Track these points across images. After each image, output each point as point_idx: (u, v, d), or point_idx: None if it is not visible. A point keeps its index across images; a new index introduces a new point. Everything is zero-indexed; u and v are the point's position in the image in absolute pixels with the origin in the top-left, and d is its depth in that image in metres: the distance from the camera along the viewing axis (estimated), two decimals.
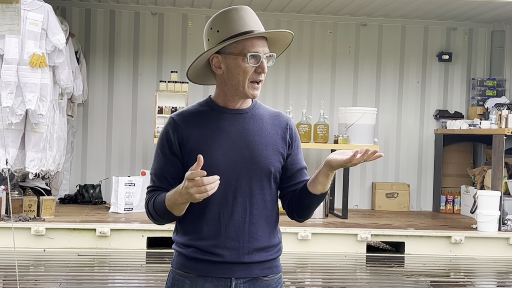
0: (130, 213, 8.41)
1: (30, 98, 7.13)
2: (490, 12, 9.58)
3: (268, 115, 2.41)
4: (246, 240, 2.31)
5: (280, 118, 2.41)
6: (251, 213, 2.31)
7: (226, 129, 2.32)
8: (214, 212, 2.30)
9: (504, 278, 7.14)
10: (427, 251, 7.77)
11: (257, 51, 2.28)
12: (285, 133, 2.38)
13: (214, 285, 2.31)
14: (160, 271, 6.54)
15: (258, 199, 2.31)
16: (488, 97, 10.04)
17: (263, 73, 2.30)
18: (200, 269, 2.32)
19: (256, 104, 2.42)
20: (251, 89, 2.31)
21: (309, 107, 9.59)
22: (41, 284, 6.07)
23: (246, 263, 2.32)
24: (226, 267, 2.31)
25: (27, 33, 7.17)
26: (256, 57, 2.28)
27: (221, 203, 2.29)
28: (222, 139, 2.30)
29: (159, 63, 9.87)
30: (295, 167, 2.39)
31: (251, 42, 2.28)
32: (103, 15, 9.82)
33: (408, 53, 10.28)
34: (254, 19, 2.33)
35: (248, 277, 2.33)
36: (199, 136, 2.31)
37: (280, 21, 9.88)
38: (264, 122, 2.37)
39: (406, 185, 10.05)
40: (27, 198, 7.74)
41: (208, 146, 2.29)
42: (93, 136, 9.78)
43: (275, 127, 2.37)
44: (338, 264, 7.22)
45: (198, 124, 2.33)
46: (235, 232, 2.30)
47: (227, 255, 2.30)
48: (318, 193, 2.32)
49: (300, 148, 2.44)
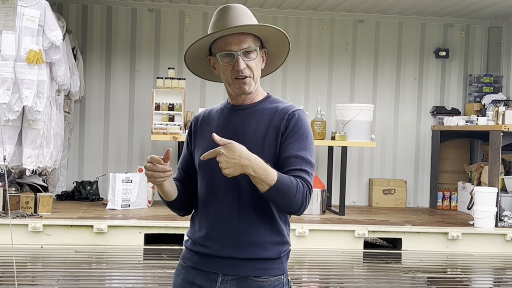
0: (127, 210, 8.41)
1: (27, 94, 7.12)
2: (487, 9, 9.59)
3: (273, 108, 2.37)
4: (234, 233, 2.30)
5: (283, 110, 2.35)
6: (240, 207, 2.30)
7: (225, 125, 2.37)
8: (205, 205, 2.36)
9: (501, 274, 7.15)
10: (424, 247, 7.79)
11: (229, 49, 2.29)
12: (281, 124, 2.31)
13: (204, 278, 2.34)
14: (157, 268, 6.55)
15: (248, 192, 2.27)
16: (485, 94, 10.05)
17: (239, 70, 2.29)
18: (194, 261, 2.38)
19: (269, 98, 2.41)
20: (237, 85, 2.33)
21: (306, 104, 9.59)
22: (39, 280, 6.07)
23: (235, 259, 2.29)
24: (215, 261, 2.32)
25: (24, 30, 7.16)
26: (230, 55, 2.29)
27: (211, 195, 2.34)
28: (219, 135, 2.29)
29: (156, 59, 9.86)
30: (282, 155, 2.28)
31: (223, 41, 2.30)
32: (100, 11, 9.80)
33: (405, 50, 10.29)
34: (236, 17, 2.31)
35: (236, 275, 2.30)
36: (204, 134, 2.41)
37: (277, 18, 9.88)
38: (264, 116, 2.35)
39: (403, 182, 10.06)
40: (24, 195, 7.74)
41: (205, 141, 2.39)
42: (90, 133, 9.77)
43: (274, 120, 2.33)
44: (336, 260, 7.23)
45: (208, 121, 2.44)
46: (223, 224, 2.31)
47: (215, 247, 2.31)
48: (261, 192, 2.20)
49: (297, 138, 2.29)
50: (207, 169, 2.35)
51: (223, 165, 2.11)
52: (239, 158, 2.11)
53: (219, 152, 2.11)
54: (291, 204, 2.22)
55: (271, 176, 2.15)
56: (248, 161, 2.12)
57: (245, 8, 2.37)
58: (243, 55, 2.30)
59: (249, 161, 2.12)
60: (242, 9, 2.35)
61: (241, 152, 2.12)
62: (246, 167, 2.12)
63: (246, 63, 2.30)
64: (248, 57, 2.31)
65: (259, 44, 2.35)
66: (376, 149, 10.02)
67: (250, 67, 2.31)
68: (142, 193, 8.66)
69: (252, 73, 2.32)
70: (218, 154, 2.12)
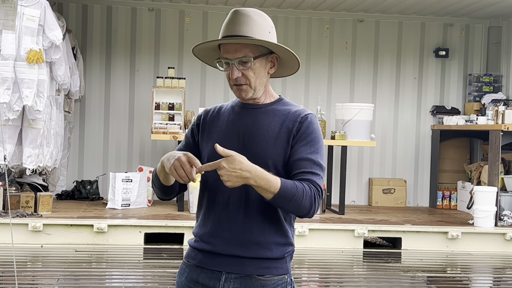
0: (127, 209, 8.41)
1: (27, 94, 7.12)
2: (487, 8, 9.59)
3: (285, 110, 2.38)
4: (239, 232, 2.31)
5: (295, 113, 2.36)
6: (247, 205, 2.31)
7: (235, 122, 2.38)
8: (211, 202, 2.36)
9: (500, 273, 7.16)
10: (424, 246, 7.79)
11: (226, 57, 2.33)
12: (293, 126, 2.33)
13: (208, 277, 2.34)
14: (157, 267, 6.55)
15: (255, 192, 2.27)
16: (485, 93, 10.06)
17: (233, 78, 2.32)
18: (198, 259, 2.38)
19: (281, 101, 2.43)
20: (236, 92, 2.38)
21: (306, 103, 9.60)
22: (39, 280, 6.07)
23: (239, 257, 2.30)
24: (219, 259, 2.33)
25: (24, 29, 7.16)
26: (226, 63, 2.33)
27: (218, 193, 2.34)
28: (229, 132, 2.35)
29: (156, 59, 9.86)
30: (292, 157, 2.31)
31: (224, 47, 2.34)
32: (100, 11, 9.81)
33: (405, 49, 10.29)
34: (240, 25, 2.31)
35: (240, 273, 2.31)
36: (214, 128, 2.42)
37: (277, 17, 9.87)
38: (276, 117, 2.36)
39: (402, 181, 10.06)
40: (25, 194, 7.75)
41: (215, 138, 2.37)
42: (90, 132, 9.77)
43: (286, 122, 2.34)
44: (335, 259, 7.23)
45: (218, 117, 2.44)
46: (229, 222, 2.32)
47: (220, 244, 2.32)
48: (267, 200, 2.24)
49: (308, 141, 2.31)
50: None
51: (224, 178, 2.14)
52: (240, 171, 2.14)
53: (220, 166, 2.14)
54: (299, 209, 2.27)
55: (274, 184, 2.18)
56: (248, 173, 2.15)
57: (255, 14, 2.34)
58: (238, 64, 2.31)
59: (250, 173, 2.15)
60: (249, 16, 2.32)
61: (242, 164, 2.15)
62: (247, 179, 2.16)
63: (242, 71, 2.31)
64: (244, 66, 2.31)
65: (263, 52, 2.34)
66: (376, 148, 10.03)
67: (246, 75, 2.32)
68: (142, 192, 8.67)
69: (249, 81, 2.32)
70: (219, 167, 2.14)
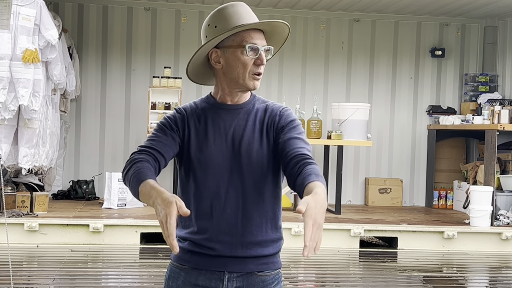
0: (123, 209, 8.41)
1: (23, 93, 7.11)
2: (483, 8, 9.61)
3: (264, 107, 2.40)
4: (239, 234, 2.30)
5: (274, 107, 2.38)
6: (244, 208, 2.30)
7: (220, 124, 2.34)
8: (207, 206, 2.32)
9: (496, 273, 7.17)
10: (420, 246, 7.80)
11: (255, 43, 2.30)
12: (275, 119, 2.34)
13: (208, 278, 2.33)
14: (153, 267, 6.55)
15: (252, 193, 2.28)
16: (481, 93, 10.08)
17: (262, 65, 2.32)
18: (194, 262, 2.34)
19: (255, 98, 2.43)
20: (251, 81, 2.32)
21: (302, 103, 9.60)
22: (35, 279, 6.06)
23: (240, 257, 2.31)
24: (219, 261, 2.32)
25: (20, 29, 7.15)
26: (254, 49, 2.30)
27: (214, 197, 2.31)
28: (216, 135, 2.31)
29: (152, 58, 9.85)
30: (283, 138, 2.28)
31: (249, 34, 2.30)
32: (95, 10, 9.80)
33: (401, 49, 10.30)
34: (250, 14, 2.35)
35: (241, 271, 2.32)
36: (196, 131, 2.34)
37: (273, 17, 9.87)
38: (258, 115, 2.37)
39: (399, 181, 10.07)
40: (20, 194, 7.73)
41: (202, 141, 2.32)
42: (86, 132, 9.76)
43: (269, 118, 2.36)
44: (331, 259, 7.23)
45: (198, 118, 2.36)
46: (228, 226, 2.30)
47: (220, 248, 2.31)
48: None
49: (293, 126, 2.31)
50: (208, 170, 2.32)
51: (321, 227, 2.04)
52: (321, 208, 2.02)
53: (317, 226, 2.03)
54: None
55: (324, 188, 2.09)
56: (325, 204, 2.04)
57: None
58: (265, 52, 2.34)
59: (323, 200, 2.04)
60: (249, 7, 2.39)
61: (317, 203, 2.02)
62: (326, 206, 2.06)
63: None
64: (266, 56, 2.35)
65: None
66: (372, 148, 10.04)
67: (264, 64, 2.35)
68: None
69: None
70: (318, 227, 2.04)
